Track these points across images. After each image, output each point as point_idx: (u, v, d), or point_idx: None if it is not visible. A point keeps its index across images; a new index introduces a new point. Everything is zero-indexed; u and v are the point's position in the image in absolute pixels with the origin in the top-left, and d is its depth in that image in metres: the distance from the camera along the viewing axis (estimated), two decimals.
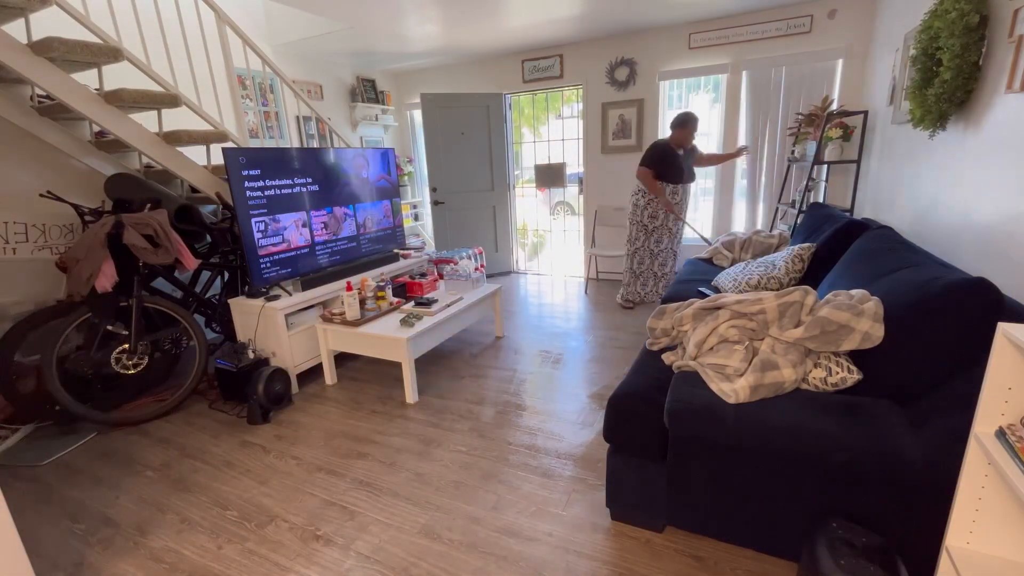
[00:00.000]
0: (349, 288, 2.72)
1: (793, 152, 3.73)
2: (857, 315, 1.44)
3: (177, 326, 2.70)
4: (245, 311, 2.83)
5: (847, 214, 3.15)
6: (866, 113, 3.27)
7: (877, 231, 2.02)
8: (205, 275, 3.24)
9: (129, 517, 1.85)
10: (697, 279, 2.97)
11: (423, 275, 3.50)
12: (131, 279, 2.48)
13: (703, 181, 4.47)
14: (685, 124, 3.56)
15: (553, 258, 5.80)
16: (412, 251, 3.98)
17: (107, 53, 2.42)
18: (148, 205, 2.60)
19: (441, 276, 3.50)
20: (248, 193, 2.65)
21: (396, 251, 3.80)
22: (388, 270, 3.52)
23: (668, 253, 3.89)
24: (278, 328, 2.69)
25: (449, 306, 2.91)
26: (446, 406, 2.56)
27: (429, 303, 2.90)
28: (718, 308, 1.69)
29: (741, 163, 4.23)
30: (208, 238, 3.00)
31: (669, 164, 3.60)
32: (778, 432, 1.33)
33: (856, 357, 1.49)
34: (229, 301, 2.88)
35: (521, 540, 1.64)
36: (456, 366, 3.06)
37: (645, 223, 3.78)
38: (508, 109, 5.07)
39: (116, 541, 1.74)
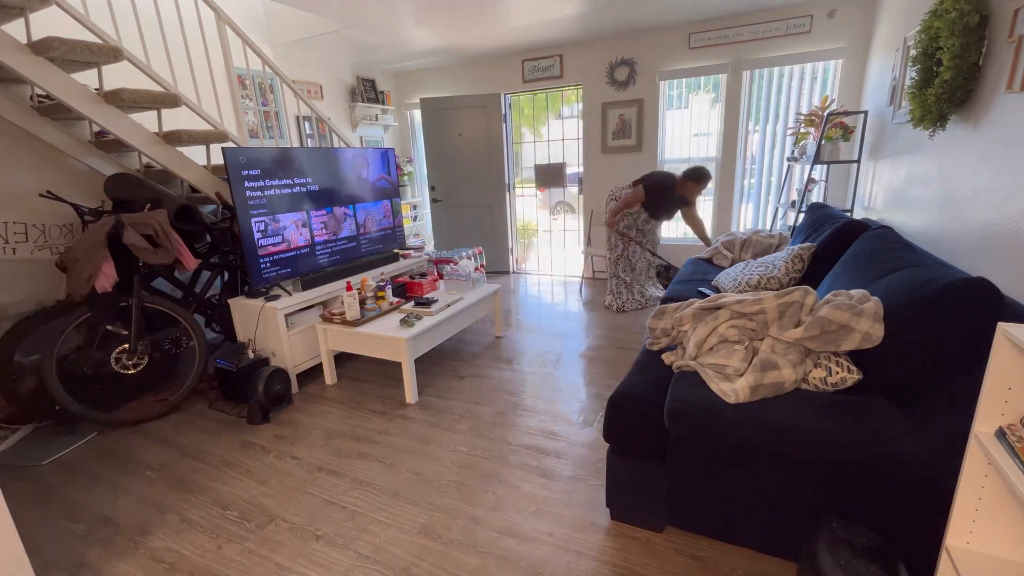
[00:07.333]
0: (349, 288, 2.72)
1: (793, 152, 3.73)
2: (857, 315, 1.44)
3: (177, 326, 2.70)
4: (245, 311, 2.83)
5: (847, 214, 3.15)
6: (866, 113, 3.27)
7: (877, 231, 2.02)
8: (205, 275, 3.24)
9: (129, 517, 1.85)
10: (697, 279, 2.97)
11: (423, 275, 3.50)
12: (131, 279, 2.47)
13: None
14: (700, 180, 3.54)
15: (552, 258, 5.80)
16: (412, 251, 3.98)
17: (107, 53, 2.42)
18: (148, 205, 2.60)
19: (441, 276, 3.50)
20: (248, 193, 2.65)
21: (396, 251, 3.80)
22: (388, 270, 3.52)
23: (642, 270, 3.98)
24: (278, 328, 2.69)
25: (449, 306, 2.91)
26: (446, 406, 2.56)
27: (429, 303, 2.90)
28: (718, 308, 1.69)
29: (741, 163, 4.23)
30: (208, 238, 3.00)
31: (663, 202, 3.68)
32: (778, 432, 1.33)
33: (856, 357, 1.49)
34: (229, 301, 2.88)
35: (521, 540, 1.64)
36: (456, 366, 3.06)
37: (621, 231, 3.88)
38: (508, 109, 5.07)
39: (116, 541, 1.74)
